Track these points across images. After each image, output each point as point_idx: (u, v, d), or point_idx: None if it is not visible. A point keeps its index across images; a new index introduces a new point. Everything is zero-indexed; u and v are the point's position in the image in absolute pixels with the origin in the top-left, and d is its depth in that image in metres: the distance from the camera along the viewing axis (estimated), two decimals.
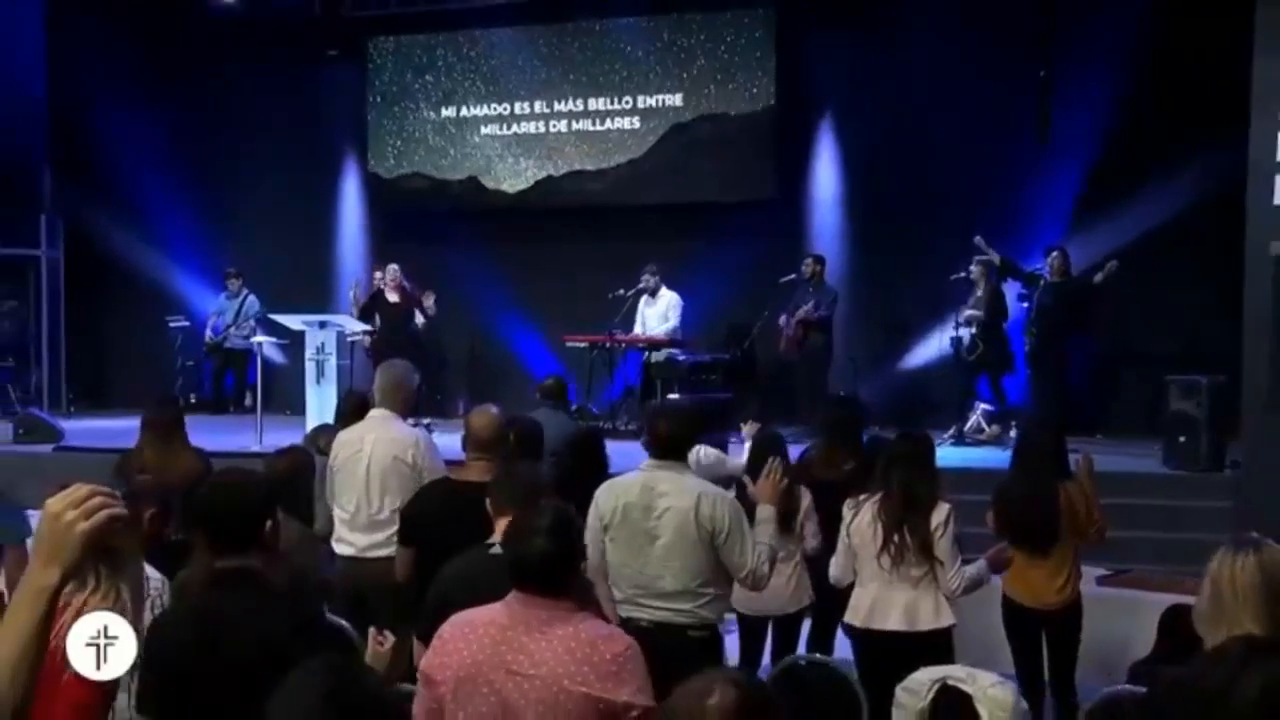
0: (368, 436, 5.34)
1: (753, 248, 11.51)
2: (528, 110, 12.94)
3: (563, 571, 2.89)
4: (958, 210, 10.88)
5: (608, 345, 11.08)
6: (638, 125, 12.57)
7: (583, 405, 11.40)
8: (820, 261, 10.95)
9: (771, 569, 4.38)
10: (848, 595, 4.98)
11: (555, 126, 12.86)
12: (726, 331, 11.66)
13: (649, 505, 4.24)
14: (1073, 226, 10.74)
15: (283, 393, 12.15)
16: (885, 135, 11.49)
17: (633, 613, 4.23)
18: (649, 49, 12.49)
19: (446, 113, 13.22)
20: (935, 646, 4.57)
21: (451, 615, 2.98)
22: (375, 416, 5.44)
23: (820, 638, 5.74)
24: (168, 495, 4.19)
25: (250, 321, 12.59)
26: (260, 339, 11.09)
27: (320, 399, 10.01)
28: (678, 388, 10.36)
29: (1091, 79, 10.60)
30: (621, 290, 11.11)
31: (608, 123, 12.68)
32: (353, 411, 6.04)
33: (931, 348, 11.12)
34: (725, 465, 6.21)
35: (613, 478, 4.60)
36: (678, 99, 12.43)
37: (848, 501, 4.97)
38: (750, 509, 4.45)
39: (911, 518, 4.73)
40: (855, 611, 4.86)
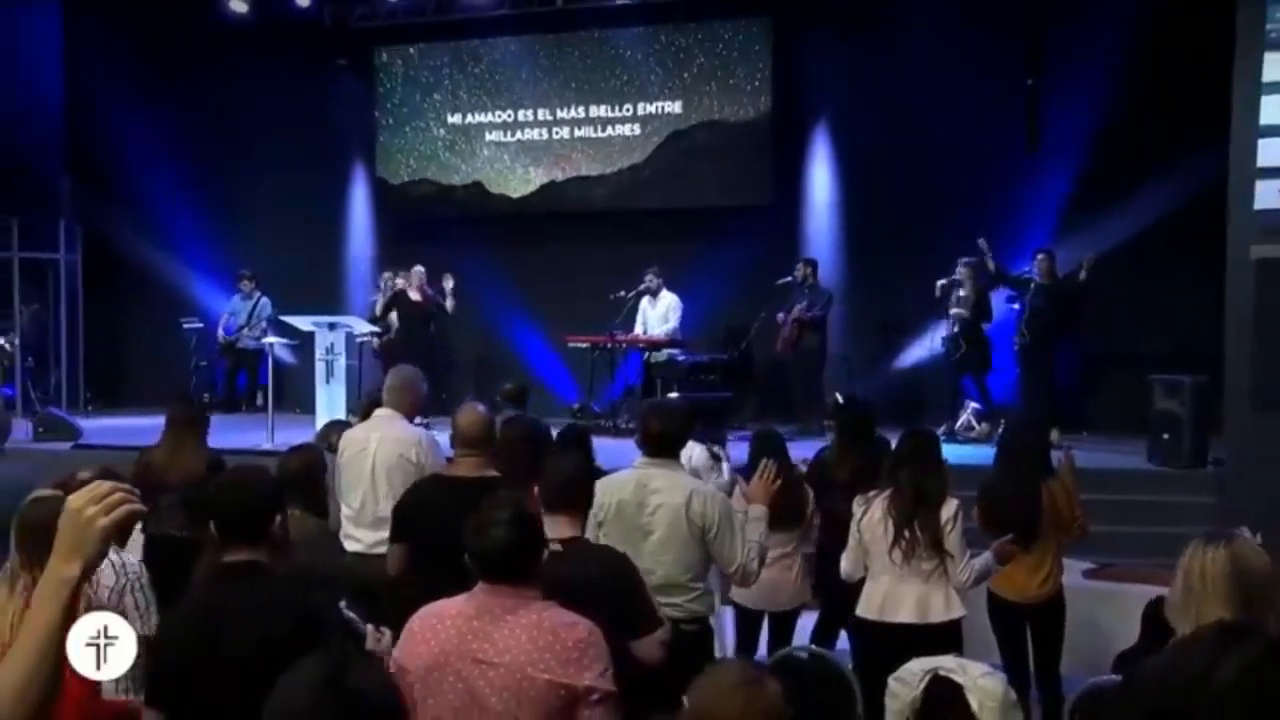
0: (373, 435, 5.35)
1: (750, 250, 11.51)
2: (531, 117, 12.94)
3: (524, 560, 2.91)
4: (949, 213, 10.88)
5: (609, 346, 11.08)
6: (638, 132, 12.58)
7: (584, 404, 11.42)
8: (811, 264, 10.97)
9: (761, 566, 4.39)
10: (855, 593, 4.99)
11: (558, 133, 12.87)
12: (725, 332, 11.68)
13: (642, 502, 4.25)
14: (1061, 229, 10.74)
15: (293, 392, 12.17)
16: (879, 141, 11.49)
17: None
18: (649, 58, 12.50)
19: (452, 120, 13.22)
20: (946, 638, 4.59)
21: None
22: (381, 415, 5.44)
23: (825, 633, 5.76)
24: (148, 492, 4.14)
25: (263, 323, 12.60)
26: (272, 340, 11.12)
27: (330, 398, 10.04)
28: (677, 387, 10.36)
29: (1079, 86, 10.60)
30: (623, 292, 11.11)
31: (609, 129, 12.69)
32: (368, 413, 6.05)
33: (924, 348, 11.13)
34: (712, 476, 6.13)
35: (606, 474, 4.59)
36: (677, 106, 12.44)
37: (857, 498, 4.99)
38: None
39: (922, 513, 4.75)
40: (867, 605, 4.86)
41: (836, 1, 11.53)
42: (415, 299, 11.68)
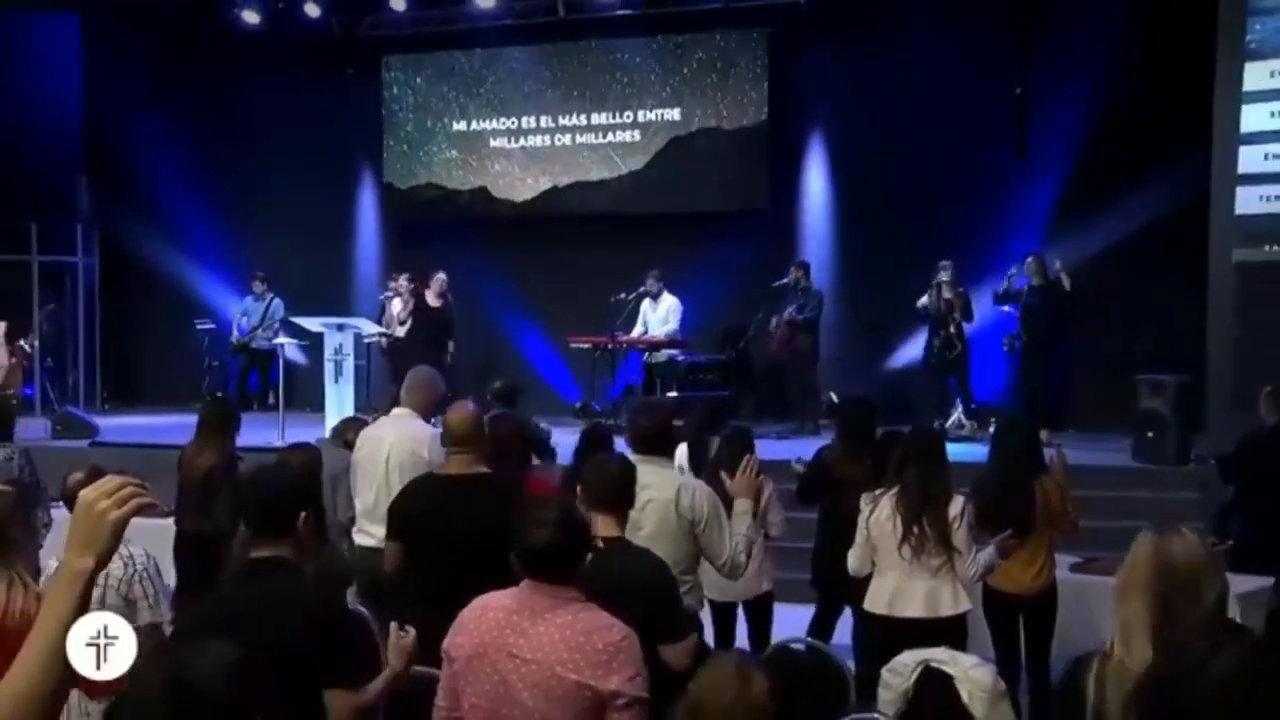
0: (389, 432, 5.38)
1: (748, 253, 11.54)
2: (534, 124, 12.97)
3: (566, 561, 2.91)
4: (941, 216, 10.92)
5: (609, 346, 11.10)
6: (638, 138, 12.60)
7: (586, 403, 11.43)
8: (803, 268, 10.95)
9: (748, 559, 4.40)
10: (850, 589, 4.98)
11: (561, 140, 12.89)
12: (723, 333, 11.69)
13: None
14: (1049, 234, 10.75)
15: (304, 391, 12.16)
16: (872, 147, 11.51)
17: None
18: (649, 67, 12.52)
19: (458, 127, 13.25)
20: (953, 631, 4.61)
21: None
22: (398, 414, 5.48)
23: (822, 627, 5.78)
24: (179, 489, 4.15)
25: (275, 324, 12.61)
26: (283, 340, 11.13)
27: (339, 397, 10.06)
28: (676, 387, 10.38)
29: (1067, 95, 10.62)
30: (623, 294, 11.13)
31: (610, 136, 12.71)
32: (390, 410, 6.06)
33: (914, 348, 11.13)
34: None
35: None
36: (676, 114, 12.47)
37: (864, 496, 4.99)
38: (728, 502, 4.45)
39: (930, 510, 4.76)
40: (876, 600, 4.87)
41: (831, 14, 11.55)
42: (435, 305, 11.72)
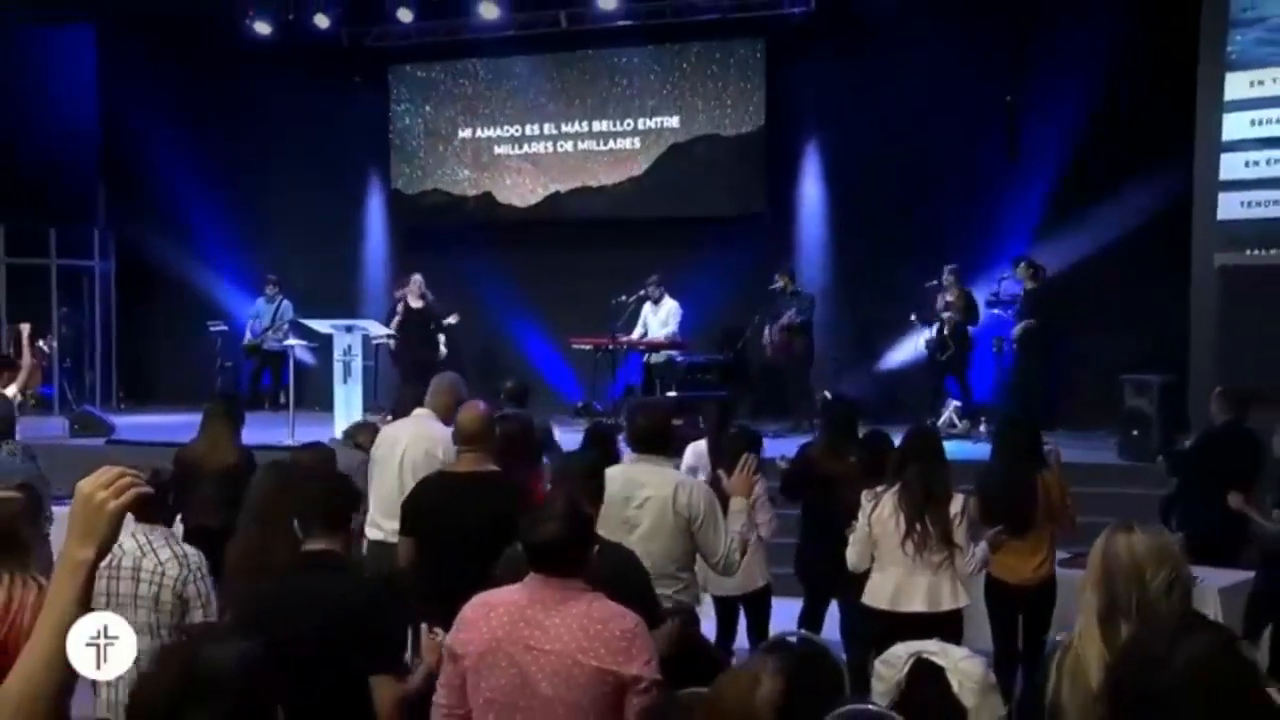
0: (406, 432, 5.45)
1: (745, 257, 11.56)
2: (538, 132, 12.99)
3: (574, 554, 2.93)
4: (933, 222, 10.95)
5: (610, 347, 11.12)
6: (638, 145, 12.62)
7: (587, 403, 11.46)
8: (789, 273, 10.96)
9: (743, 557, 4.39)
10: (836, 581, 4.99)
11: (563, 147, 12.92)
12: (721, 334, 11.70)
13: (629, 496, 4.22)
14: (1038, 237, 10.78)
15: (313, 391, 12.24)
16: (867, 153, 11.53)
17: None
18: (649, 75, 12.55)
19: (463, 134, 13.27)
20: (951, 624, 4.66)
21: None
22: (418, 414, 5.54)
23: (811, 620, 5.80)
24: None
25: (285, 325, 12.63)
26: (293, 342, 11.16)
27: (347, 396, 10.07)
28: (675, 387, 10.40)
29: (1056, 102, 10.65)
30: (624, 296, 11.16)
31: (611, 143, 12.74)
32: (408, 411, 6.08)
33: (908, 348, 11.16)
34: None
35: None
36: (675, 121, 12.49)
37: (866, 493, 5.00)
38: (725, 501, 4.46)
39: (932, 508, 4.78)
40: (877, 595, 4.88)
41: (826, 25, 11.56)
42: (415, 306, 11.72)
